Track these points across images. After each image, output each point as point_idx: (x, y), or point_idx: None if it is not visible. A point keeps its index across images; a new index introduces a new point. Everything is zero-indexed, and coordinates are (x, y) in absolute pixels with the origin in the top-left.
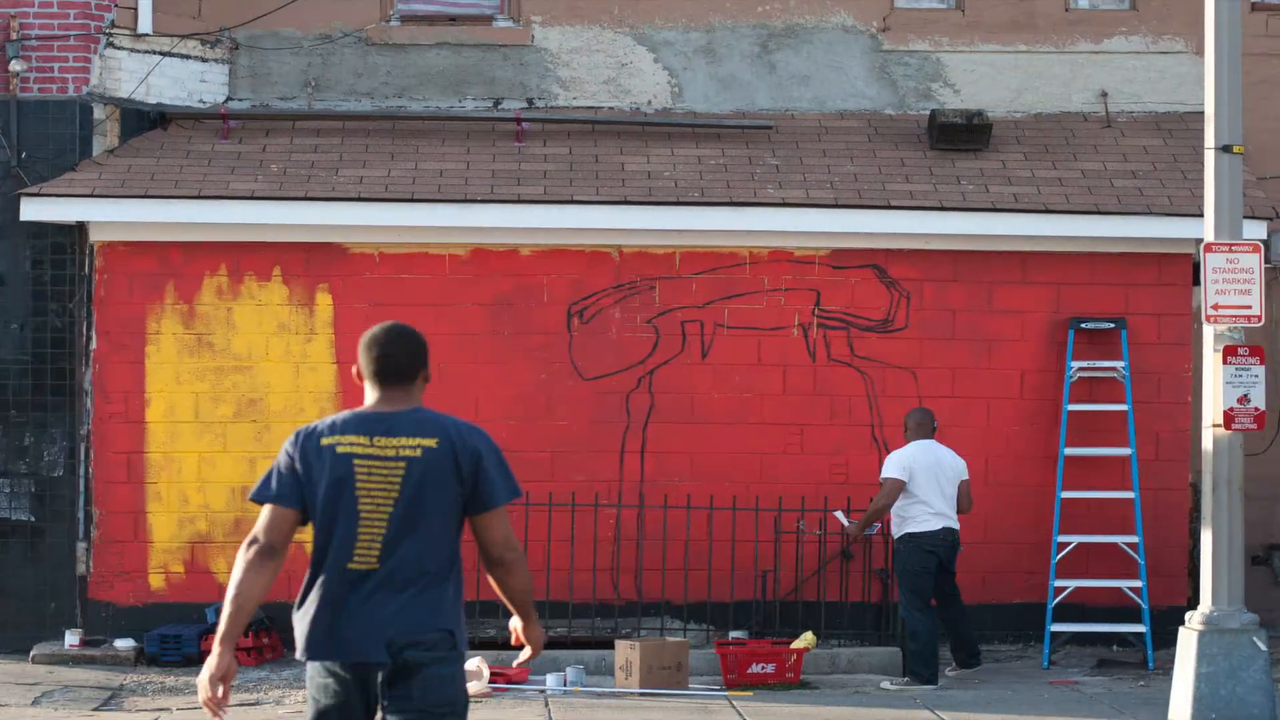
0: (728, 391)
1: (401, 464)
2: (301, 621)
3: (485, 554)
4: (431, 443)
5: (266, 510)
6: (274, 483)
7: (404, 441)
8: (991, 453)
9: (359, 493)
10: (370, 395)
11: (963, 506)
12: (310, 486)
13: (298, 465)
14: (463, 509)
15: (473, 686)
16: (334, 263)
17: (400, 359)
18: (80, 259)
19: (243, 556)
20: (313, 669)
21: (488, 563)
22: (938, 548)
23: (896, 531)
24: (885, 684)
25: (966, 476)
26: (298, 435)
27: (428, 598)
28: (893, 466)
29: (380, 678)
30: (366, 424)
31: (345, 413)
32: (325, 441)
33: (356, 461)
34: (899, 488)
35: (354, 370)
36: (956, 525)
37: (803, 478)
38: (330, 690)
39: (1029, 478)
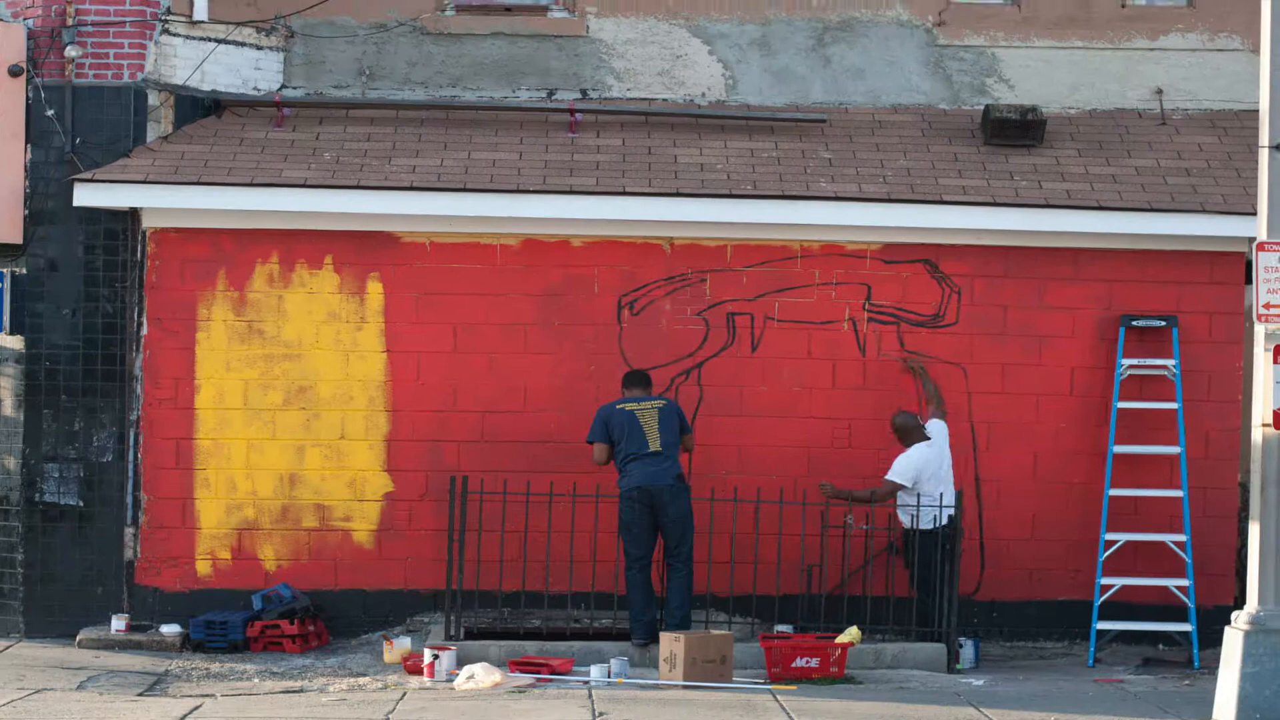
0: (777, 385)
1: None
2: None
3: None
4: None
5: None
6: None
7: None
8: (1040, 449)
9: None
10: None
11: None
12: None
13: None
14: None
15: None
16: (385, 251)
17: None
18: (132, 245)
19: None
20: None
21: None
22: None
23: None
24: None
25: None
26: None
27: None
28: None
29: None
30: None
31: None
32: None
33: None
34: None
35: None
36: None
37: (850, 472)
38: None
39: (1077, 475)
